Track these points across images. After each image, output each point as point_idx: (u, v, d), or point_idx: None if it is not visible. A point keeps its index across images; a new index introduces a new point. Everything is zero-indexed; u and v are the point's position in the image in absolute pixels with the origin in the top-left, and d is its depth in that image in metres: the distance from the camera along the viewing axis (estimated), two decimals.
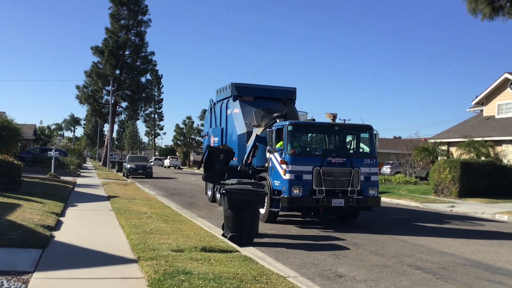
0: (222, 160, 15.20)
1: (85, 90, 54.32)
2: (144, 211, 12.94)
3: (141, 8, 53.63)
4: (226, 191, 10.04)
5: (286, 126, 12.82)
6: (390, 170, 43.04)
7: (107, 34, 53.40)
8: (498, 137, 28.26)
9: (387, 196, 22.64)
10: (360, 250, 9.72)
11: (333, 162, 12.60)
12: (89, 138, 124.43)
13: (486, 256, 9.60)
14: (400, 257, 9.14)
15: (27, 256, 7.05)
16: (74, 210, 13.28)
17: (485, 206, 19.43)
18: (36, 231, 8.80)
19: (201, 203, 18.30)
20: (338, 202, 12.38)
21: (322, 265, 8.23)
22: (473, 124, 32.96)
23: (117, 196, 17.06)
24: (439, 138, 33.74)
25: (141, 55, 55.41)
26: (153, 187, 26.55)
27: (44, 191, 16.59)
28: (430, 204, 20.32)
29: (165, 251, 7.69)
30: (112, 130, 57.85)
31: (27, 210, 11.15)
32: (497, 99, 31.99)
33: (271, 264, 7.75)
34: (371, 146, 13.54)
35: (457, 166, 22.18)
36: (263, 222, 12.83)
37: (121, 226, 10.50)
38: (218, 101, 18.69)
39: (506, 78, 30.96)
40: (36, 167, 31.09)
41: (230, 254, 7.91)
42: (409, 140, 42.96)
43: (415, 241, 11.01)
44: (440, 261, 8.94)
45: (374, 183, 13.02)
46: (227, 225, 10.09)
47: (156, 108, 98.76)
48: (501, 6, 15.70)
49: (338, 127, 13.64)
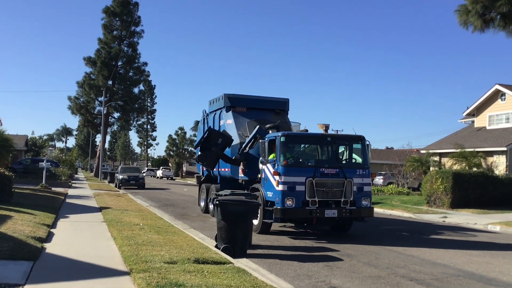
0: (219, 144, 15.24)
1: (77, 100, 54.14)
2: (137, 223, 12.86)
3: (134, 19, 53.71)
4: (219, 202, 10.01)
5: (278, 137, 12.83)
6: (383, 181, 43.16)
7: (100, 44, 53.38)
8: (489, 148, 28.48)
9: (380, 207, 22.67)
10: (353, 261, 9.70)
11: (326, 173, 12.62)
12: (81, 149, 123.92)
13: (479, 267, 9.61)
14: (394, 268, 9.13)
15: (18, 269, 6.96)
16: (65, 221, 13.17)
17: (477, 216, 19.49)
18: (27, 243, 8.71)
19: (194, 214, 18.22)
20: (331, 213, 12.38)
21: (316, 277, 8.20)
22: (465, 135, 33.19)
23: (109, 207, 16.95)
24: (431, 149, 33.94)
25: (134, 66, 55.35)
26: (145, 198, 26.43)
27: (35, 202, 16.46)
28: (422, 214, 20.36)
29: (157, 263, 7.63)
30: (104, 140, 57.63)
31: (18, 221, 11.04)
32: (488, 110, 32.28)
33: (265, 275, 7.71)
34: (363, 157, 13.58)
35: (449, 177, 22.28)
36: (257, 233, 12.79)
37: (113, 237, 10.42)
38: (211, 112, 18.69)
39: (497, 89, 31.28)
40: (28, 178, 30.87)
41: (223, 266, 7.86)
42: (401, 150, 43.15)
43: (408, 252, 11.01)
44: (433, 272, 8.94)
45: (367, 193, 13.04)
46: (220, 236, 10.05)
47: (148, 119, 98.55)
48: (492, 18, 15.91)
49: (331, 138, 13.67)
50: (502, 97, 31.24)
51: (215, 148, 15.24)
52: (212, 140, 15.35)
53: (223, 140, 15.24)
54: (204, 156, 15.38)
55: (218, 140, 15.26)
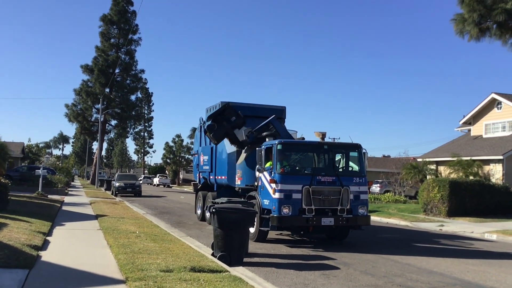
0: (231, 121, 15.25)
1: (74, 108, 54.16)
2: (133, 230, 12.82)
3: (132, 27, 53.87)
4: (216, 210, 9.99)
5: (275, 145, 12.84)
6: (380, 189, 43.17)
7: (97, 52, 53.48)
8: (485, 156, 28.54)
9: (376, 215, 22.65)
10: (350, 270, 9.68)
11: (323, 181, 12.62)
12: (78, 156, 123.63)
13: (476, 275, 9.60)
14: (390, 277, 9.11)
15: (12, 277, 6.92)
16: (61, 229, 13.12)
17: (474, 225, 19.50)
18: (22, 251, 8.67)
19: (190, 222, 18.18)
20: (327, 221, 12.36)
21: (312, 285, 8.18)
22: (461, 144, 33.27)
23: (105, 215, 16.90)
24: (427, 157, 33.99)
25: (131, 73, 55.45)
26: (142, 205, 26.35)
27: (31, 210, 16.40)
28: (419, 223, 20.35)
29: (153, 271, 7.60)
30: (101, 148, 57.58)
31: (14, 229, 10.99)
32: (484, 119, 32.39)
33: (261, 284, 7.69)
34: (360, 165, 13.59)
35: (446, 185, 22.30)
36: (253, 241, 12.76)
37: (109, 245, 10.38)
38: (207, 119, 18.69)
39: (493, 98, 31.40)
40: (24, 186, 30.77)
41: (219, 274, 7.84)
42: (398, 159, 43.19)
43: (405, 261, 11.00)
44: (430, 281, 8.92)
45: (363, 201, 13.04)
46: (216, 245, 10.02)
47: (146, 126, 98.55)
48: (488, 27, 16.00)
49: (327, 146, 13.69)
50: (498, 105, 31.36)
51: (226, 123, 15.20)
52: (226, 115, 15.29)
53: (236, 119, 15.21)
54: (213, 127, 15.25)
55: (231, 118, 15.24)
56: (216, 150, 17.18)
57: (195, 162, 20.52)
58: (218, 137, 15.37)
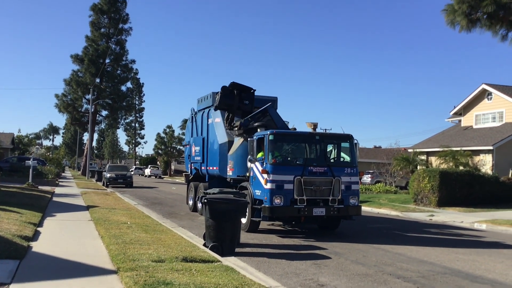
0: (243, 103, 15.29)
1: (65, 98, 53.69)
2: (124, 221, 12.80)
3: (122, 16, 53.40)
4: (207, 200, 9.99)
5: (267, 135, 12.84)
6: (371, 180, 43.35)
7: (87, 42, 52.96)
8: (476, 147, 28.75)
9: (367, 205, 22.77)
10: (341, 259, 9.74)
11: (314, 171, 12.65)
12: (68, 147, 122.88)
13: (465, 264, 9.70)
14: (381, 266, 9.18)
15: (3, 268, 6.90)
16: (52, 220, 13.07)
17: (464, 215, 19.66)
18: (13, 241, 8.64)
19: (182, 213, 18.17)
20: (319, 211, 12.41)
21: (304, 275, 8.22)
22: (452, 134, 33.47)
23: (97, 206, 16.85)
24: (418, 148, 34.18)
25: (122, 64, 55.03)
26: (133, 196, 26.29)
27: (21, 201, 16.30)
28: (410, 213, 20.49)
29: (145, 261, 7.60)
30: (91, 139, 57.23)
31: (4, 220, 10.94)
32: (475, 109, 32.59)
33: (253, 274, 7.71)
34: (351, 156, 13.63)
35: (436, 176, 22.44)
36: (245, 231, 12.78)
37: (101, 236, 10.36)
38: (199, 110, 18.66)
39: (483, 89, 31.58)
40: (14, 177, 30.57)
41: (211, 264, 7.86)
42: (389, 149, 43.43)
43: (396, 250, 11.08)
44: (420, 269, 9.00)
45: (354, 192, 13.10)
46: (208, 235, 10.03)
47: (137, 117, 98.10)
48: (478, 18, 16.03)
49: (319, 136, 13.70)
50: (489, 96, 31.54)
51: (237, 99, 15.17)
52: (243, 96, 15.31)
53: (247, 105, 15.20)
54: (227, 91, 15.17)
55: (245, 101, 15.25)
56: (208, 140, 17.15)
57: (187, 153, 20.49)
58: (223, 103, 15.25)
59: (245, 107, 15.26)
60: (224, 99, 15.19)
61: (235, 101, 15.20)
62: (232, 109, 15.32)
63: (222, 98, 15.20)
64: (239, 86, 15.42)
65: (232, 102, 15.20)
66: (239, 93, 15.32)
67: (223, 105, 15.35)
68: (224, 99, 15.19)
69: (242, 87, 15.44)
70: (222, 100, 15.21)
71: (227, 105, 15.29)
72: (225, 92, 15.24)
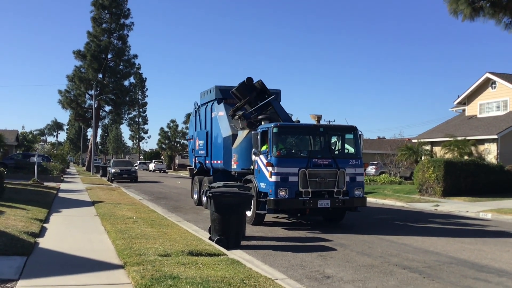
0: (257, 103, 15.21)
1: (68, 94, 53.77)
2: (130, 216, 12.84)
3: (123, 11, 53.28)
4: (212, 194, 10.01)
5: (271, 128, 12.82)
6: (375, 171, 43.34)
7: (89, 38, 52.93)
8: (480, 136, 28.64)
9: (372, 196, 22.77)
10: (347, 251, 9.75)
11: (319, 163, 12.64)
12: (73, 143, 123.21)
13: (471, 254, 9.69)
14: (387, 257, 9.18)
15: (11, 264, 6.94)
16: (58, 216, 13.12)
17: (469, 204, 19.63)
18: (20, 238, 8.67)
19: (187, 207, 18.21)
20: (324, 203, 12.41)
21: (310, 267, 8.24)
22: (456, 124, 33.34)
23: (102, 201, 16.90)
24: (422, 138, 34.07)
25: (124, 59, 54.98)
26: (138, 191, 26.37)
27: (27, 197, 16.37)
28: (415, 203, 20.48)
29: (151, 256, 7.63)
30: (95, 134, 57.34)
31: (11, 217, 10.99)
32: (479, 98, 32.43)
33: (259, 266, 7.74)
34: (356, 147, 13.61)
35: (440, 166, 22.39)
36: (250, 224, 12.80)
37: (107, 231, 10.40)
38: (202, 104, 18.64)
39: (487, 77, 31.40)
40: (19, 173, 30.69)
41: (217, 258, 7.88)
42: (393, 140, 43.29)
43: (401, 241, 11.08)
44: (426, 260, 9.00)
45: (359, 183, 13.08)
46: (213, 228, 10.05)
47: (140, 112, 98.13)
48: (481, 7, 15.88)
49: (323, 128, 13.67)
50: (493, 85, 31.37)
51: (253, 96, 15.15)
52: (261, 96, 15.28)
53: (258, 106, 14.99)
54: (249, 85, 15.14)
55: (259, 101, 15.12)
56: (212, 134, 17.15)
57: (191, 147, 20.50)
58: (239, 90, 15.19)
59: (255, 105, 15.18)
60: (242, 88, 15.16)
61: (251, 96, 15.17)
62: (243, 100, 15.26)
63: (241, 86, 15.18)
64: (264, 87, 15.43)
65: (248, 94, 15.17)
66: (259, 93, 15.30)
67: (238, 93, 15.29)
68: (243, 88, 15.16)
69: (265, 89, 15.44)
70: (240, 88, 15.19)
71: (241, 94, 15.23)
72: (249, 83, 15.24)
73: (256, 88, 15.29)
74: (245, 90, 15.19)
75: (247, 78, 15.23)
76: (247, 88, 15.19)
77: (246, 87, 15.19)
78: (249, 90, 15.20)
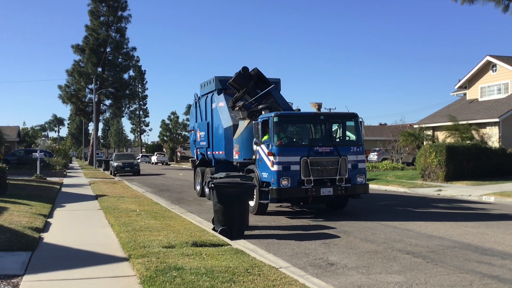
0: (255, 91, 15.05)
1: (68, 89, 53.72)
2: (133, 209, 12.88)
3: (121, 4, 53.05)
4: (214, 185, 10.02)
5: (271, 117, 12.81)
6: (377, 157, 43.34)
7: (87, 31, 52.78)
8: (482, 119, 28.57)
9: (375, 183, 22.79)
10: (350, 238, 9.78)
11: (320, 151, 12.63)
12: (74, 138, 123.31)
13: (475, 238, 9.71)
14: (390, 243, 9.21)
15: (16, 259, 6.97)
16: (62, 210, 13.16)
17: (472, 188, 19.65)
18: (24, 233, 8.71)
19: (190, 198, 18.26)
20: (326, 191, 12.43)
21: (313, 254, 8.27)
22: (457, 108, 33.25)
23: (105, 195, 16.95)
24: (424, 123, 34.01)
25: (123, 52, 54.84)
26: (141, 184, 26.43)
27: (30, 193, 16.42)
28: (417, 189, 20.50)
29: (156, 247, 7.66)
30: (97, 128, 57.33)
31: (14, 212, 11.03)
32: (480, 82, 32.30)
33: (263, 255, 7.77)
34: (357, 134, 13.60)
35: (442, 150, 22.39)
36: (253, 214, 12.84)
37: (110, 224, 10.44)
38: (202, 95, 18.61)
39: (488, 61, 31.25)
40: (22, 169, 30.79)
41: (221, 248, 7.90)
42: (394, 126, 43.25)
43: (404, 226, 11.10)
44: (429, 244, 9.02)
45: (361, 170, 13.09)
46: (217, 219, 10.08)
47: (140, 105, 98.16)
48: None
49: (324, 116, 13.66)
50: (493, 68, 31.23)
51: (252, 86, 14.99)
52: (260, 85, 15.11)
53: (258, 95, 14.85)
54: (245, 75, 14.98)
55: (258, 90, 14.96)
56: (213, 125, 17.14)
57: (192, 139, 20.49)
58: (236, 81, 15.03)
59: (255, 95, 15.09)
60: (239, 79, 14.99)
61: (249, 86, 15.00)
62: (242, 91, 15.13)
63: (237, 77, 15.00)
64: (260, 75, 15.20)
65: (246, 84, 15.00)
66: (256, 81, 15.16)
67: (236, 84, 15.14)
68: (239, 78, 14.99)
69: (262, 77, 15.23)
70: (236, 78, 15.01)
71: (239, 85, 15.06)
72: (245, 72, 15.04)
73: (252, 77, 15.12)
74: (242, 80, 15.02)
75: (242, 68, 15.06)
76: (244, 78, 15.02)
77: (242, 77, 15.02)
78: (246, 80, 15.03)
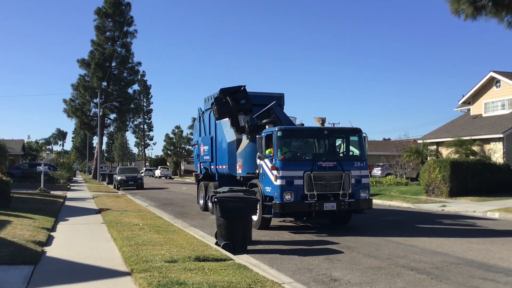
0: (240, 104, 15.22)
1: (73, 103, 53.94)
2: (136, 223, 12.86)
3: (127, 19, 53.51)
4: (218, 199, 10.01)
5: (275, 132, 12.83)
6: (381, 172, 43.22)
7: (93, 46, 53.18)
8: (486, 135, 28.51)
9: (378, 198, 22.70)
10: (353, 253, 9.72)
11: (324, 166, 12.62)
12: (79, 151, 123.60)
13: (479, 254, 9.64)
14: (394, 259, 9.15)
15: (18, 273, 6.97)
16: (65, 224, 13.17)
17: (476, 204, 19.54)
18: (27, 247, 8.71)
19: (193, 212, 18.23)
20: (330, 206, 12.39)
21: (317, 270, 8.22)
22: (461, 123, 33.22)
23: (109, 209, 16.95)
24: (428, 139, 33.96)
25: (128, 66, 55.15)
26: (144, 198, 26.42)
27: (34, 206, 16.44)
28: (421, 204, 20.40)
29: (158, 262, 7.64)
30: (101, 142, 57.47)
31: (18, 226, 11.04)
32: (484, 97, 32.30)
33: (266, 271, 7.73)
34: (360, 149, 13.59)
35: (447, 166, 22.32)
36: (256, 229, 12.80)
37: (113, 238, 10.42)
38: (206, 109, 18.67)
39: (491, 76, 31.28)
40: (26, 183, 30.84)
41: (224, 263, 7.88)
42: (398, 141, 43.19)
43: (408, 242, 11.04)
44: (433, 261, 8.97)
45: (365, 185, 13.05)
46: (220, 234, 10.05)
47: (145, 119, 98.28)
48: (483, 5, 15.83)
49: (327, 131, 13.67)
50: (497, 84, 31.24)
51: (234, 103, 15.07)
52: (237, 96, 15.19)
53: (245, 103, 15.08)
54: (221, 100, 15.10)
55: (241, 100, 15.14)
56: (216, 139, 17.18)
57: (196, 153, 20.53)
58: (222, 112, 15.18)
59: (244, 106, 15.17)
60: (222, 109, 15.12)
61: (232, 106, 15.11)
62: (232, 115, 15.27)
63: (219, 109, 15.13)
64: (229, 90, 15.35)
65: (229, 108, 15.12)
66: (232, 97, 15.24)
67: (223, 114, 15.30)
68: (221, 108, 15.12)
69: (232, 90, 15.37)
70: (220, 111, 15.14)
71: (227, 112, 15.22)
72: (219, 102, 15.16)
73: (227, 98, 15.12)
74: (224, 107, 15.13)
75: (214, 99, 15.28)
76: (223, 105, 15.11)
77: (222, 105, 15.10)
78: (226, 105, 15.09)
